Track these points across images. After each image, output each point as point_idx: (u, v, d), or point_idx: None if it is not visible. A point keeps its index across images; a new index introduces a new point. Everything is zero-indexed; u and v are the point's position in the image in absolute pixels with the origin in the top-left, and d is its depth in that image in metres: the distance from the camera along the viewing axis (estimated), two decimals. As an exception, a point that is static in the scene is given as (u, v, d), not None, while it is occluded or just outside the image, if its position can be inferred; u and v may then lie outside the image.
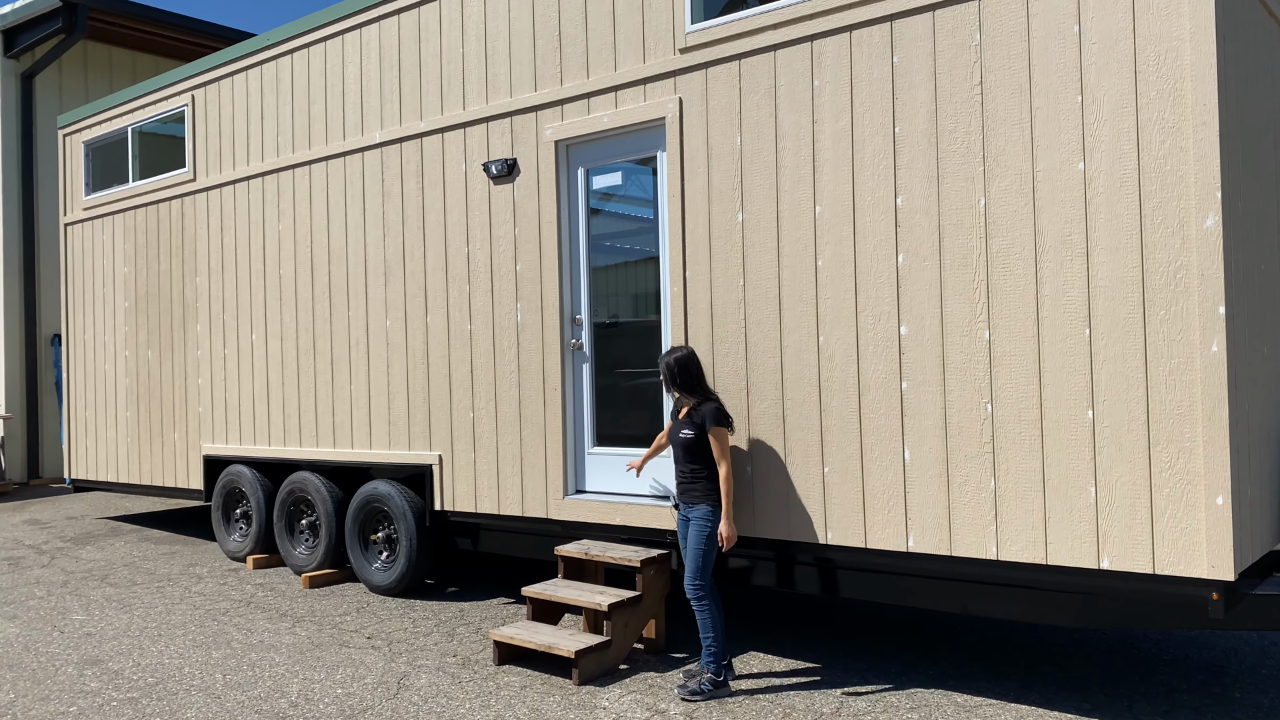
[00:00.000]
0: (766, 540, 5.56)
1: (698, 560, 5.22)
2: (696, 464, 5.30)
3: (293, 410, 8.20)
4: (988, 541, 4.79)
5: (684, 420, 5.35)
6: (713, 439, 5.21)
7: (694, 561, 5.23)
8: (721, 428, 5.22)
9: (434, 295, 7.16)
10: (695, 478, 5.29)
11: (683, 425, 5.34)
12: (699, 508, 5.25)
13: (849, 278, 5.22)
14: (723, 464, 5.19)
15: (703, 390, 5.35)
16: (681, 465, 5.36)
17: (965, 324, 4.85)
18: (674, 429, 5.40)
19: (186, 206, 9.24)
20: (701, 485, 5.26)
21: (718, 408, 5.28)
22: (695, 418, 5.30)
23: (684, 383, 5.32)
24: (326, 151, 7.88)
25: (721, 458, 5.19)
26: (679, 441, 5.33)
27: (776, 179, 5.47)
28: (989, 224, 4.78)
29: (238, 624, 6.70)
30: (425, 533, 7.24)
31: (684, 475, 5.35)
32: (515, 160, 6.65)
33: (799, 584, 5.56)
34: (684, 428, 5.32)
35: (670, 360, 5.35)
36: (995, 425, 4.76)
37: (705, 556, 5.22)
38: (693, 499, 5.29)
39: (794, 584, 5.57)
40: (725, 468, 5.18)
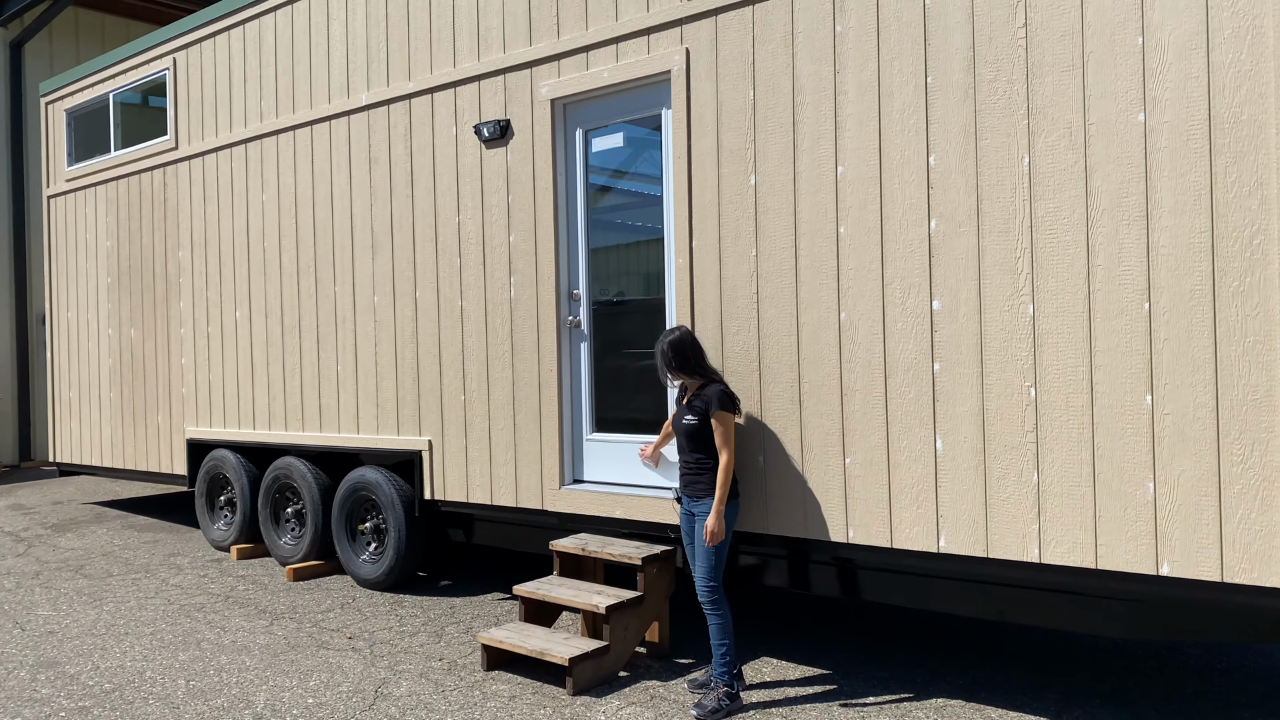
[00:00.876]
0: (779, 538, 5.05)
1: (709, 560, 4.72)
2: (702, 452, 4.79)
3: (278, 392, 7.72)
4: (1029, 542, 4.26)
5: (687, 405, 4.85)
6: (716, 424, 4.70)
7: (705, 562, 4.72)
8: (726, 412, 4.71)
9: (423, 269, 6.66)
10: (701, 468, 4.79)
11: (686, 411, 4.83)
12: (706, 501, 4.75)
13: (875, 246, 4.68)
14: (724, 452, 4.68)
15: (705, 372, 4.85)
16: (686, 454, 4.86)
17: (1006, 298, 4.31)
18: (677, 415, 4.91)
19: (169, 176, 8.76)
20: (708, 477, 4.76)
21: (723, 390, 4.77)
22: (698, 402, 4.80)
23: (681, 365, 4.81)
24: (311, 115, 7.37)
25: (724, 445, 4.68)
26: (682, 428, 4.83)
27: (794, 137, 4.93)
28: (1034, 185, 4.23)
29: (212, 621, 6.24)
30: (415, 523, 6.76)
31: (689, 465, 4.85)
32: (509, 121, 6.12)
33: (815, 585, 5.05)
34: (687, 413, 4.82)
35: (664, 345, 4.85)
36: (1039, 412, 4.23)
37: (718, 556, 4.72)
38: (698, 491, 4.79)
39: (809, 585, 5.07)
40: (726, 456, 4.67)
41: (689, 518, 4.89)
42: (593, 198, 5.94)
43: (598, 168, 5.92)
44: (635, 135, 5.73)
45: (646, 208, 5.70)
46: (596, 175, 5.93)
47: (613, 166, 5.85)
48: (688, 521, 4.91)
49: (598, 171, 5.92)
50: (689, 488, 4.85)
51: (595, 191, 5.92)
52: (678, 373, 4.84)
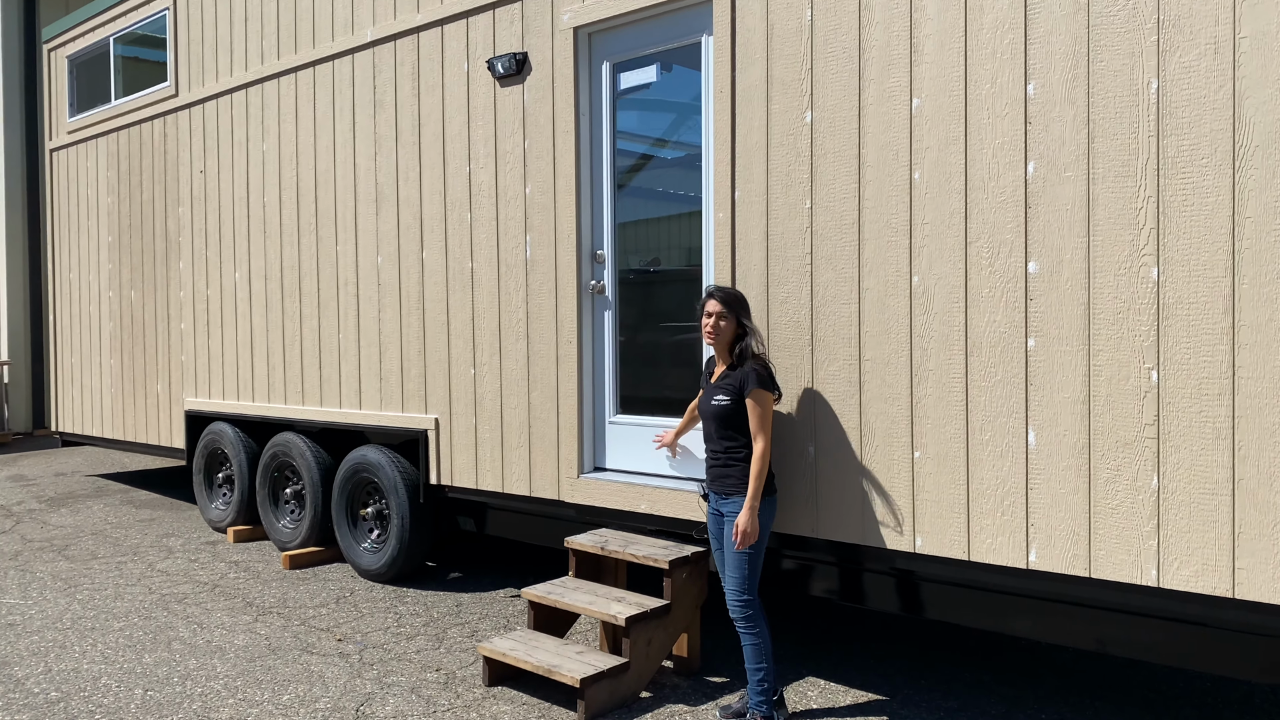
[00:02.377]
0: (831, 543, 4.27)
1: (742, 569, 3.96)
2: (734, 440, 4.03)
3: (277, 362, 7.05)
4: (1144, 562, 3.44)
5: (718, 383, 4.08)
6: (752, 404, 3.93)
7: (738, 571, 3.96)
8: (765, 391, 3.93)
9: (431, 226, 5.92)
10: (732, 458, 4.02)
11: (717, 389, 4.07)
12: (737, 499, 3.98)
13: (956, 195, 3.85)
14: (760, 438, 3.91)
15: (748, 335, 4.07)
16: (714, 442, 4.10)
17: (1123, 258, 3.46)
18: (705, 395, 4.14)
19: (169, 126, 8.09)
20: (740, 469, 3.99)
21: (763, 367, 3.99)
22: (732, 380, 4.02)
23: (742, 322, 4.05)
24: (314, 55, 6.64)
25: (759, 430, 3.91)
26: (711, 411, 4.07)
27: (859, 64, 4.10)
28: (1162, 116, 3.37)
29: (191, 615, 5.60)
30: (419, 510, 6.06)
31: (718, 455, 4.09)
32: (526, 55, 5.34)
33: (870, 598, 4.27)
34: (718, 392, 4.05)
35: (717, 292, 4.08)
36: (1162, 400, 3.39)
37: (751, 564, 3.96)
38: (728, 486, 4.03)
39: (863, 598, 4.28)
40: (762, 443, 3.90)
41: (717, 518, 4.14)
42: (623, 176, 5.14)
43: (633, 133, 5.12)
44: (677, 105, 4.91)
45: (688, 172, 4.91)
46: (633, 142, 5.13)
47: (655, 135, 5.05)
48: (715, 522, 4.15)
49: (634, 138, 5.12)
50: (717, 482, 4.09)
51: (636, 162, 5.11)
52: (729, 328, 4.04)
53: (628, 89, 5.07)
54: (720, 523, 4.11)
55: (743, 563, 3.95)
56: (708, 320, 4.09)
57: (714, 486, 4.11)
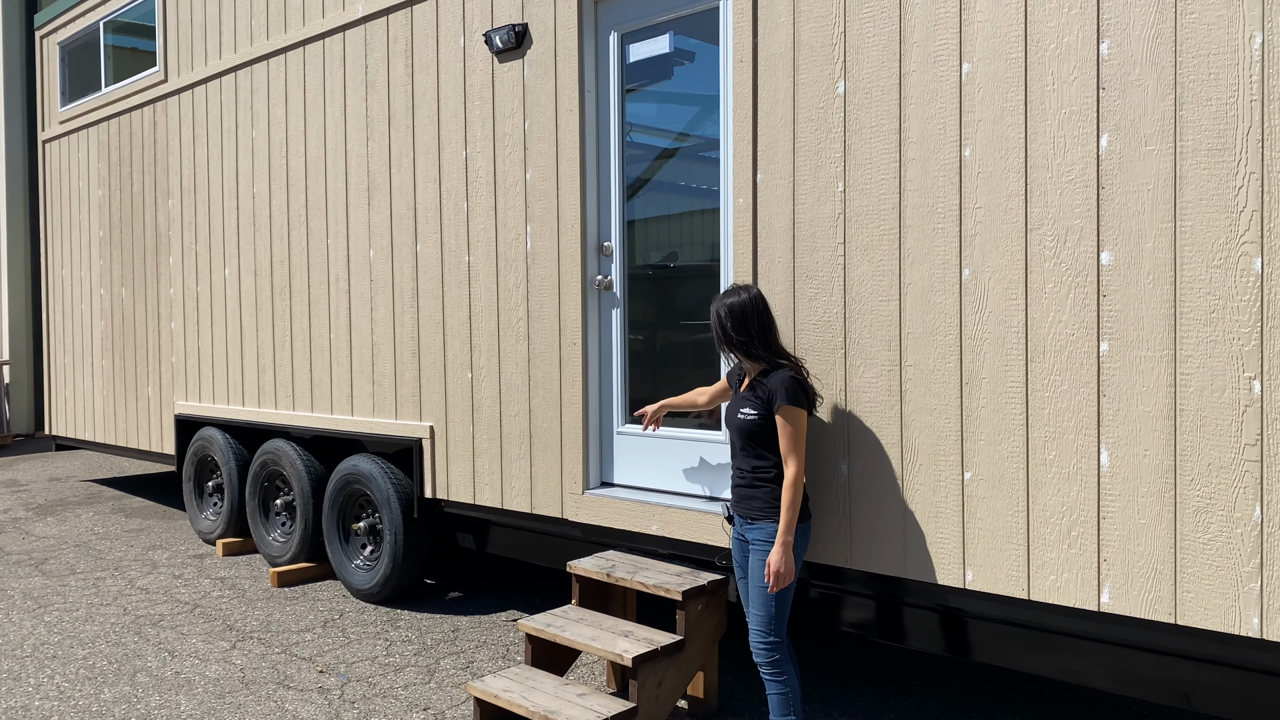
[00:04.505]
0: (867, 574, 3.74)
1: (768, 608, 3.43)
2: (762, 459, 3.50)
3: (267, 364, 6.59)
4: (1245, 608, 2.89)
5: (746, 394, 3.56)
6: (782, 423, 3.40)
7: (763, 609, 3.44)
8: (797, 407, 3.40)
9: (425, 217, 5.43)
10: (760, 478, 3.50)
11: (744, 401, 3.55)
12: (764, 525, 3.46)
13: (1015, 175, 3.30)
14: (791, 460, 3.38)
15: (772, 350, 3.54)
16: (740, 458, 3.58)
17: (1218, 246, 2.91)
18: (732, 405, 3.61)
19: (159, 114, 7.65)
20: (768, 491, 3.47)
21: (793, 377, 3.46)
22: (761, 391, 3.50)
23: (742, 341, 3.52)
24: (304, 34, 6.17)
25: (791, 451, 3.38)
26: (738, 425, 3.54)
27: (900, 25, 3.56)
28: (1269, 77, 2.82)
29: (164, 641, 5.14)
30: (414, 526, 5.58)
31: (744, 475, 3.56)
32: (526, 26, 4.83)
33: (911, 637, 3.73)
34: (745, 404, 3.53)
35: (720, 308, 3.56)
36: (1267, 416, 2.84)
37: (780, 602, 3.43)
38: (754, 510, 3.51)
39: (903, 636, 3.75)
40: (794, 467, 3.37)
41: (741, 545, 3.62)
42: (645, 170, 4.62)
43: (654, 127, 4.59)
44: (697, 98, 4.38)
45: (712, 167, 4.39)
46: (655, 136, 4.60)
47: (678, 129, 4.52)
48: (740, 549, 3.63)
49: (655, 132, 4.60)
50: (742, 504, 3.57)
51: (659, 156, 4.58)
52: (733, 349, 3.56)
53: (638, 61, 4.55)
54: (745, 550, 3.59)
55: (770, 600, 3.43)
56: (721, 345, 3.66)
57: (739, 508, 3.59)
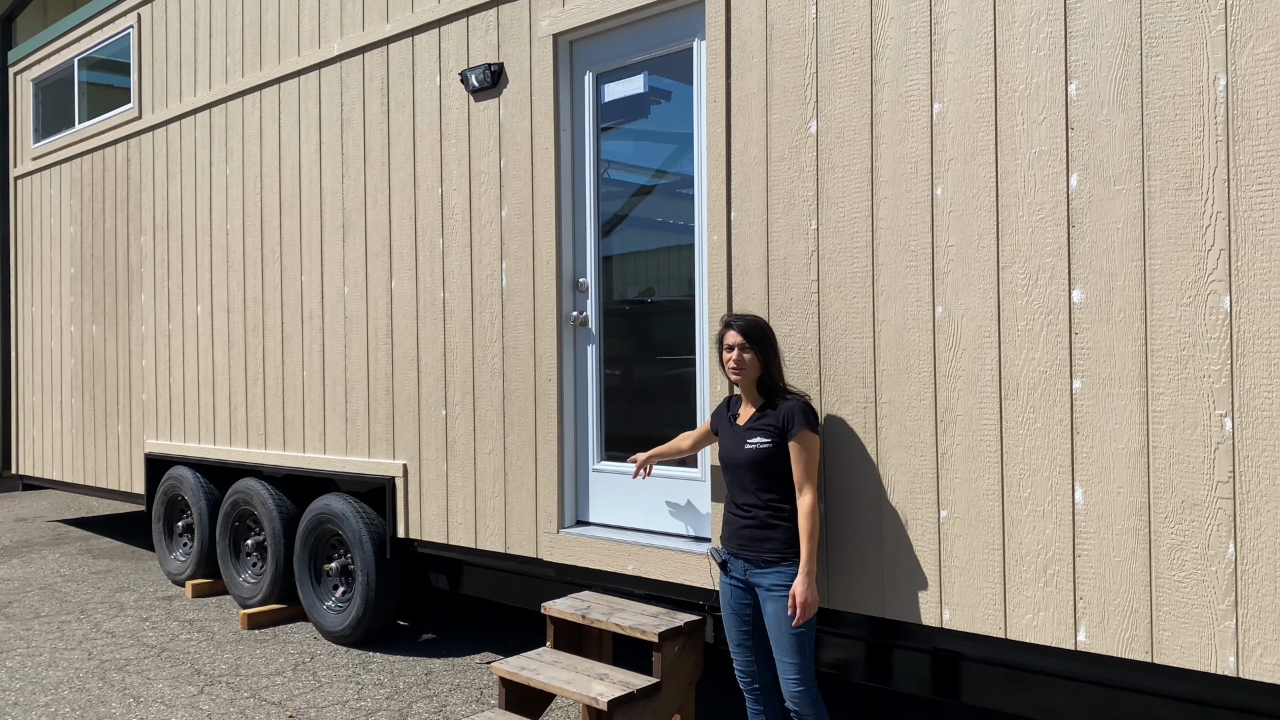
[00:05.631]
0: (845, 614, 3.71)
1: (800, 652, 3.33)
2: (774, 492, 3.41)
3: (239, 401, 6.52)
4: (1220, 646, 2.88)
5: (751, 424, 3.48)
6: (799, 450, 3.35)
7: (798, 655, 3.32)
8: (814, 433, 3.37)
9: (400, 253, 5.41)
10: (776, 517, 3.39)
11: (751, 431, 3.46)
12: (783, 569, 3.36)
13: (986, 214, 3.33)
14: (808, 488, 3.33)
15: (780, 379, 3.53)
16: (748, 494, 3.46)
17: (1187, 285, 2.94)
18: (732, 440, 3.51)
19: (132, 151, 7.62)
20: (785, 531, 3.38)
21: (807, 404, 3.43)
22: (771, 419, 3.43)
23: (764, 360, 3.47)
24: (279, 71, 6.17)
25: (807, 479, 3.34)
26: (747, 457, 3.43)
27: (872, 66, 3.60)
28: (1233, 118, 2.86)
29: (130, 686, 5.02)
30: (386, 566, 5.50)
31: (751, 513, 3.45)
32: (501, 66, 4.85)
33: (897, 679, 3.69)
34: (754, 434, 3.44)
35: (745, 324, 3.47)
36: (1239, 453, 2.85)
37: (808, 642, 3.35)
38: (769, 552, 3.39)
39: (883, 676, 3.71)
40: (811, 495, 3.33)
41: (740, 591, 3.51)
42: (621, 206, 4.63)
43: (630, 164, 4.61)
44: (674, 137, 4.41)
45: (688, 203, 4.40)
46: (631, 174, 4.62)
47: (654, 166, 4.53)
48: (739, 595, 3.51)
49: (631, 169, 4.61)
50: (750, 546, 3.43)
51: (636, 193, 4.59)
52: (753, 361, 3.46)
53: (614, 100, 4.58)
54: (745, 597, 3.49)
55: (801, 644, 3.32)
56: (729, 355, 3.50)
57: (746, 552, 3.43)
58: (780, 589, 3.34)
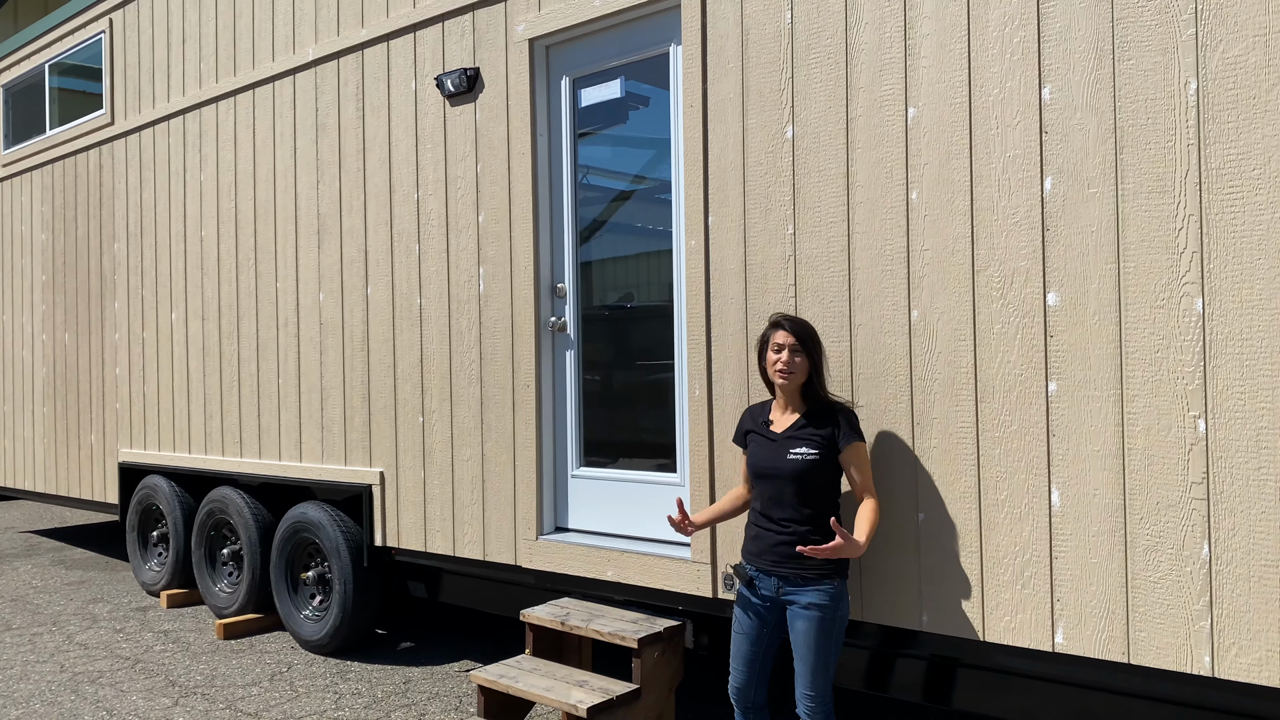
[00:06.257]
0: (825, 617, 3.70)
1: (829, 671, 3.24)
2: (816, 506, 3.27)
3: (215, 410, 6.46)
4: (1195, 647, 2.90)
5: (793, 433, 3.30)
6: (860, 457, 3.28)
7: (824, 674, 3.22)
8: (863, 441, 3.33)
9: (376, 259, 5.37)
10: (816, 534, 3.25)
11: (794, 440, 3.28)
12: (823, 587, 3.21)
13: (961, 218, 3.34)
14: (870, 496, 3.28)
15: (825, 386, 3.38)
16: (783, 509, 3.28)
17: (1160, 288, 2.96)
18: (772, 449, 3.31)
19: (104, 157, 7.54)
20: (821, 544, 3.20)
21: (853, 412, 3.36)
22: (818, 429, 3.28)
23: (816, 360, 3.31)
24: (254, 77, 6.12)
25: (868, 489, 3.29)
26: (791, 469, 3.25)
27: (847, 71, 3.61)
28: (1204, 122, 2.88)
29: (103, 699, 4.96)
30: (364, 575, 5.46)
31: (787, 529, 3.27)
32: (477, 70, 4.83)
33: (872, 681, 3.70)
34: (798, 444, 3.27)
35: (797, 324, 3.29)
36: (1212, 454, 2.87)
37: (834, 664, 3.27)
38: (810, 569, 3.21)
39: (865, 680, 3.72)
40: (876, 499, 3.30)
41: (765, 610, 3.32)
42: (600, 211, 4.63)
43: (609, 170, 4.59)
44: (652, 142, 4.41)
45: (667, 209, 4.40)
46: (610, 179, 4.60)
47: (633, 171, 4.52)
48: (762, 614, 3.33)
49: (610, 174, 4.60)
50: (787, 563, 3.24)
51: (615, 199, 4.57)
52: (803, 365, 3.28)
53: (591, 105, 4.57)
54: (769, 616, 3.32)
55: (828, 663, 3.21)
56: (777, 356, 3.28)
57: (782, 569, 3.25)
58: (816, 609, 3.19)
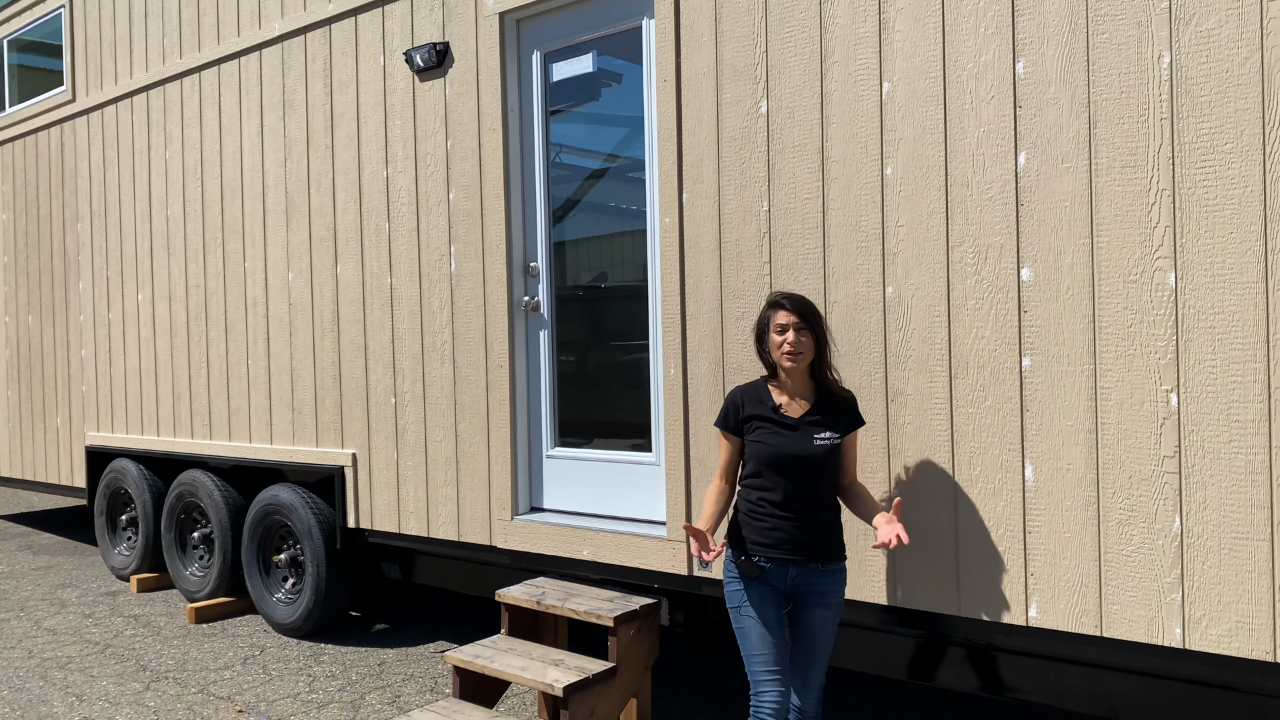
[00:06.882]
0: (800, 594, 3.71)
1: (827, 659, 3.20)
2: (833, 491, 3.14)
3: (183, 391, 6.37)
4: (1167, 619, 2.92)
5: (810, 418, 3.08)
6: (853, 440, 3.20)
7: (827, 661, 3.19)
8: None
9: (345, 238, 5.30)
10: (835, 515, 3.14)
11: (817, 425, 3.07)
12: (838, 573, 3.13)
13: (936, 193, 3.33)
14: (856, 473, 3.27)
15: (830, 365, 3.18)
16: (804, 497, 3.05)
17: (1134, 262, 2.96)
18: (788, 435, 3.05)
19: (66, 135, 7.39)
20: (836, 525, 3.14)
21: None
22: (832, 411, 3.12)
23: (822, 337, 3.08)
24: (219, 53, 6.00)
25: (856, 466, 3.26)
26: (819, 454, 3.03)
27: (821, 45, 3.57)
28: (1177, 96, 2.88)
29: (72, 685, 4.90)
30: (337, 557, 5.41)
31: (817, 514, 3.07)
32: (447, 45, 4.76)
33: (847, 657, 3.71)
34: (820, 428, 3.06)
35: (799, 302, 3.06)
36: (1184, 428, 2.89)
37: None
38: (833, 547, 3.11)
39: (858, 659, 3.73)
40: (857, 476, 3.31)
41: (779, 599, 3.09)
42: (574, 190, 4.57)
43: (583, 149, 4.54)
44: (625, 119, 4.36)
45: (642, 188, 4.36)
46: (584, 158, 4.55)
47: (607, 150, 4.47)
48: (783, 601, 3.11)
49: (584, 153, 4.54)
50: (820, 546, 3.07)
51: (589, 177, 4.52)
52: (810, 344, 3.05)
53: (564, 81, 4.51)
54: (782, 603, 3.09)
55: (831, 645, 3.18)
56: (782, 337, 3.04)
57: (817, 553, 3.06)
58: (834, 595, 3.10)
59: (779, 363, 3.08)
